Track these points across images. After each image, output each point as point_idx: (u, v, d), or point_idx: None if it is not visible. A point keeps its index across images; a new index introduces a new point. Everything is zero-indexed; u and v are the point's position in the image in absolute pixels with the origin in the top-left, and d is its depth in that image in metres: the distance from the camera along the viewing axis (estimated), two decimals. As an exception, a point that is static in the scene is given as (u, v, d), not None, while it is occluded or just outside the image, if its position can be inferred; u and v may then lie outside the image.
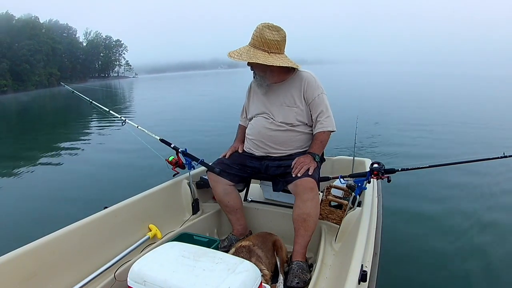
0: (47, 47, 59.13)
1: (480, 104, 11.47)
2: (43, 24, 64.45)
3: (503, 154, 1.59)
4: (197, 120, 10.02)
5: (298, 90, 1.79)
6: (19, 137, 10.29)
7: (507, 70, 39.06)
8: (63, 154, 7.03)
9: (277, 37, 1.68)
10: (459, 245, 2.62)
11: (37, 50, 56.14)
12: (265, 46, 1.67)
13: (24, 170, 5.75)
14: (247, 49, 1.70)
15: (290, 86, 1.81)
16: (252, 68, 1.79)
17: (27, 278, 1.27)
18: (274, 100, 1.83)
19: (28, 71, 53.79)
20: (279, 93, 1.82)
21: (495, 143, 5.78)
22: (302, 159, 1.70)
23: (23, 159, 6.71)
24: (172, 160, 2.01)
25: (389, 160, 4.73)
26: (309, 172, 1.65)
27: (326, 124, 1.77)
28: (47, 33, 62.38)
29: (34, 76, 55.17)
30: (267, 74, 1.78)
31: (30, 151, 7.51)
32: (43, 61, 57.39)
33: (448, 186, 3.78)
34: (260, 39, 1.67)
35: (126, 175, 4.98)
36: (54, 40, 63.35)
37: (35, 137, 9.81)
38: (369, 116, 8.80)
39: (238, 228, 1.96)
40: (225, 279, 0.98)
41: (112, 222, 1.63)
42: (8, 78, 49.50)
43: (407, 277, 2.24)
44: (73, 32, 77.30)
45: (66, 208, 3.68)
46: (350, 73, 41.35)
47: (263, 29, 1.67)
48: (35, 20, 61.69)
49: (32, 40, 55.74)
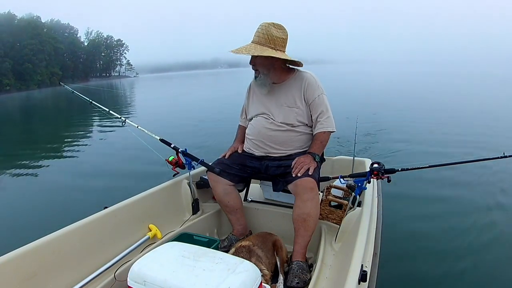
0: (49, 47, 59.42)
1: (480, 103, 11.46)
2: (44, 24, 64.76)
3: (503, 154, 1.59)
4: (196, 120, 10.01)
5: (299, 91, 1.79)
6: (20, 137, 10.29)
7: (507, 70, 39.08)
8: (63, 154, 7.03)
9: (282, 35, 1.71)
10: (459, 245, 2.62)
11: (39, 49, 56.40)
12: (272, 43, 1.68)
13: (24, 170, 5.75)
14: (253, 46, 1.69)
15: (290, 87, 1.81)
16: (255, 67, 1.79)
17: (27, 278, 1.27)
18: (275, 101, 1.83)
19: (31, 70, 54.03)
20: (279, 93, 1.82)
21: (495, 143, 5.78)
22: (302, 159, 1.71)
23: (23, 159, 6.70)
24: (172, 160, 2.01)
25: (389, 160, 4.73)
26: (309, 172, 1.65)
27: (326, 124, 1.77)
28: (49, 32, 62.64)
29: (36, 76, 55.44)
30: (271, 72, 1.78)
31: (30, 151, 7.50)
32: (45, 60, 57.65)
33: (448, 186, 3.78)
34: (267, 36, 1.68)
35: (126, 175, 4.97)
36: (56, 40, 63.62)
37: (35, 137, 9.83)
38: (369, 116, 8.80)
39: (238, 228, 1.96)
40: (225, 279, 0.98)
41: (112, 222, 1.63)
42: (10, 77, 49.76)
43: (407, 277, 2.24)
44: (75, 32, 77.71)
45: (66, 208, 3.68)
46: (349, 73, 41.34)
47: (269, 27, 1.68)
48: (37, 19, 62.04)
49: (34, 40, 55.98)
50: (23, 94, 40.97)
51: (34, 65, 54.69)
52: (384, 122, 8.14)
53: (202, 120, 10.07)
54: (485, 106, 10.68)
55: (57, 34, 66.34)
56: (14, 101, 29.38)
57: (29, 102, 27.79)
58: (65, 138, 9.16)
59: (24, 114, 18.63)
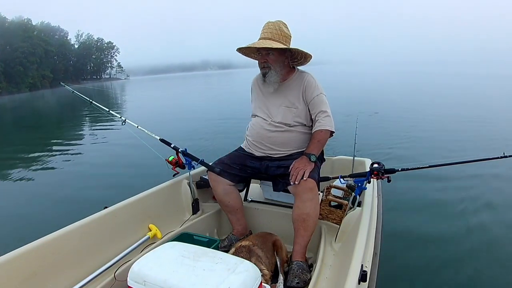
0: (40, 50, 59.33)
1: (480, 104, 11.46)
2: (35, 26, 64.62)
3: (503, 154, 1.59)
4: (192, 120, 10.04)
5: (298, 91, 1.79)
6: (18, 139, 10.29)
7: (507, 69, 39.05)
8: (63, 155, 7.02)
9: (289, 32, 1.74)
10: (460, 245, 2.61)
11: (31, 52, 56.33)
12: (283, 39, 1.70)
13: (24, 170, 5.75)
14: (269, 42, 1.67)
15: (290, 87, 1.81)
16: (266, 64, 1.74)
17: (27, 278, 1.27)
18: (274, 101, 1.83)
19: (22, 73, 53.92)
20: (279, 93, 1.82)
21: (495, 143, 5.78)
22: (297, 164, 1.67)
23: (22, 160, 6.71)
24: (172, 160, 2.01)
25: (389, 160, 4.73)
26: (304, 177, 1.63)
27: (324, 123, 1.74)
28: (39, 35, 62.59)
29: (28, 79, 55.33)
30: (282, 69, 1.78)
31: (29, 152, 7.49)
32: (36, 63, 57.54)
33: (448, 186, 3.78)
34: (280, 32, 1.69)
35: (126, 175, 4.97)
36: (47, 43, 63.56)
37: (35, 138, 9.82)
38: (369, 116, 8.80)
39: (238, 228, 1.96)
40: (225, 279, 0.98)
41: (112, 222, 1.63)
42: (2, 80, 49.61)
43: (407, 277, 2.24)
44: (65, 34, 77.54)
45: (66, 208, 3.68)
46: (346, 74, 41.30)
47: (279, 24, 1.71)
48: (28, 22, 61.97)
49: (25, 43, 55.92)
50: (15, 97, 40.81)
51: (25, 68, 54.59)
52: (384, 122, 8.14)
53: (196, 118, 10.07)
54: (484, 106, 10.67)
55: (47, 37, 66.22)
56: (14, 103, 29.38)
57: (28, 104, 27.76)
58: (65, 138, 9.16)
59: (22, 116, 18.60)
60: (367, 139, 6.08)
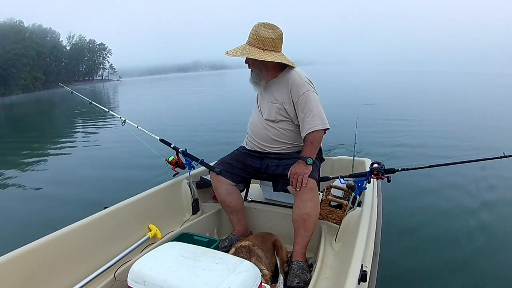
0: (32, 51, 59.14)
1: (480, 103, 11.45)
2: (27, 28, 64.47)
3: (503, 154, 1.59)
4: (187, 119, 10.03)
5: (286, 89, 1.77)
6: (18, 140, 10.28)
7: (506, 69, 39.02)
8: (62, 155, 7.03)
9: (272, 35, 1.70)
10: (460, 245, 2.61)
11: (23, 54, 56.15)
12: (260, 43, 1.69)
13: (24, 171, 5.75)
14: (244, 46, 1.73)
15: (279, 84, 1.81)
16: (249, 67, 1.82)
17: (27, 278, 1.27)
18: (265, 98, 1.86)
19: (14, 75, 53.80)
20: (269, 90, 1.85)
21: (495, 143, 5.77)
22: (294, 170, 1.65)
23: (22, 160, 6.71)
24: (172, 160, 2.01)
25: (389, 160, 4.73)
26: (303, 183, 1.61)
27: (313, 123, 1.67)
28: (31, 37, 62.40)
29: (21, 81, 55.19)
30: (263, 72, 1.80)
31: (29, 153, 7.50)
32: (29, 65, 57.35)
33: (448, 186, 3.78)
34: (256, 36, 1.69)
35: (126, 175, 4.97)
36: (39, 44, 63.36)
37: (34, 139, 9.81)
38: (369, 116, 8.80)
39: (239, 229, 1.96)
40: (225, 279, 0.98)
41: (112, 222, 1.63)
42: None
43: (407, 277, 2.24)
44: (57, 36, 77.14)
45: (66, 208, 3.68)
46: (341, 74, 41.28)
47: (258, 27, 1.69)
48: (20, 24, 61.92)
49: (18, 45, 55.76)
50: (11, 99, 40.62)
51: (18, 70, 54.41)
52: (384, 122, 8.14)
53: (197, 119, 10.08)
54: (485, 106, 10.67)
55: (39, 39, 65.97)
56: (12, 104, 29.37)
57: (26, 106, 27.75)
58: (65, 139, 9.16)
59: (20, 117, 18.60)
60: (367, 139, 6.09)
